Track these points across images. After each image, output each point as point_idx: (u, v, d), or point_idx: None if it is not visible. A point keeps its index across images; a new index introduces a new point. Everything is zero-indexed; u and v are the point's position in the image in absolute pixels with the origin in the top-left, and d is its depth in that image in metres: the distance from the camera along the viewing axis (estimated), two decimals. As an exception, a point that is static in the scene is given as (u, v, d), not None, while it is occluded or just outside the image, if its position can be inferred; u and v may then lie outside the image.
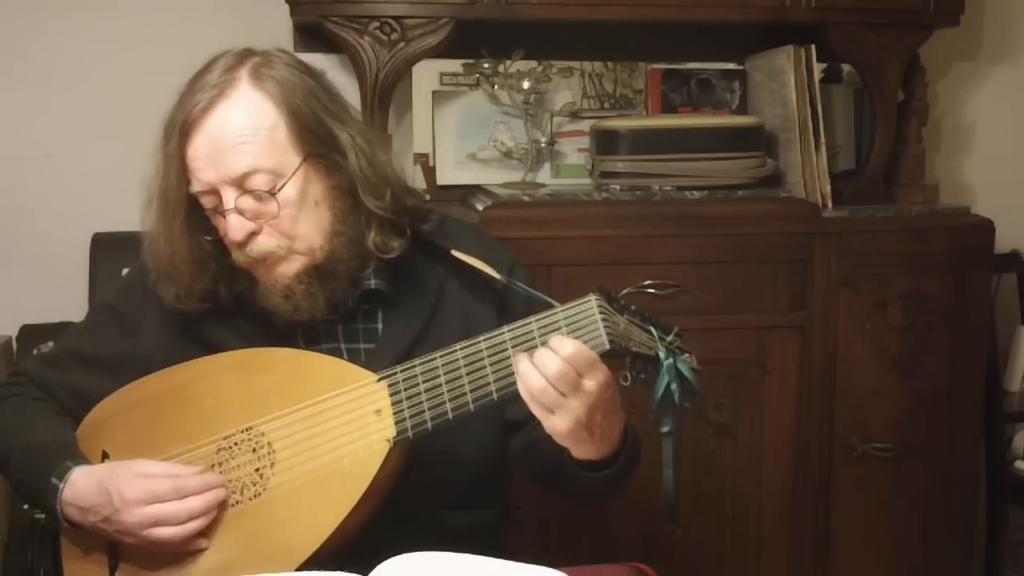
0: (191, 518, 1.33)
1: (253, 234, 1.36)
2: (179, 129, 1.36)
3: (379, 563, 1.18)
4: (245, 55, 1.41)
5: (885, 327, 2.30)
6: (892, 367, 2.31)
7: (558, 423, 1.25)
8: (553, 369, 1.22)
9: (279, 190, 1.35)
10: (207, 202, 1.38)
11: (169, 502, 1.33)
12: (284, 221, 1.37)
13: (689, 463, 2.23)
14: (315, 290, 1.39)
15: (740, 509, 2.30)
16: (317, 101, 1.40)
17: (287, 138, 1.37)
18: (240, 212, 1.35)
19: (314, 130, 1.39)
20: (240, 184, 1.35)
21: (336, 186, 1.41)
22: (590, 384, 1.24)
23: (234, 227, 1.35)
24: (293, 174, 1.36)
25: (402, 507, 1.35)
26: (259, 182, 1.35)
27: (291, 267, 1.39)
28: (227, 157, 1.34)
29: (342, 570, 1.20)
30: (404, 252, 1.45)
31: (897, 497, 2.35)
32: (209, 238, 1.41)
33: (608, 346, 1.25)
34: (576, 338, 1.25)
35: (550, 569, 1.18)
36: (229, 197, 1.35)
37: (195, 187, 1.37)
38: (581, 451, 1.32)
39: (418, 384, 1.31)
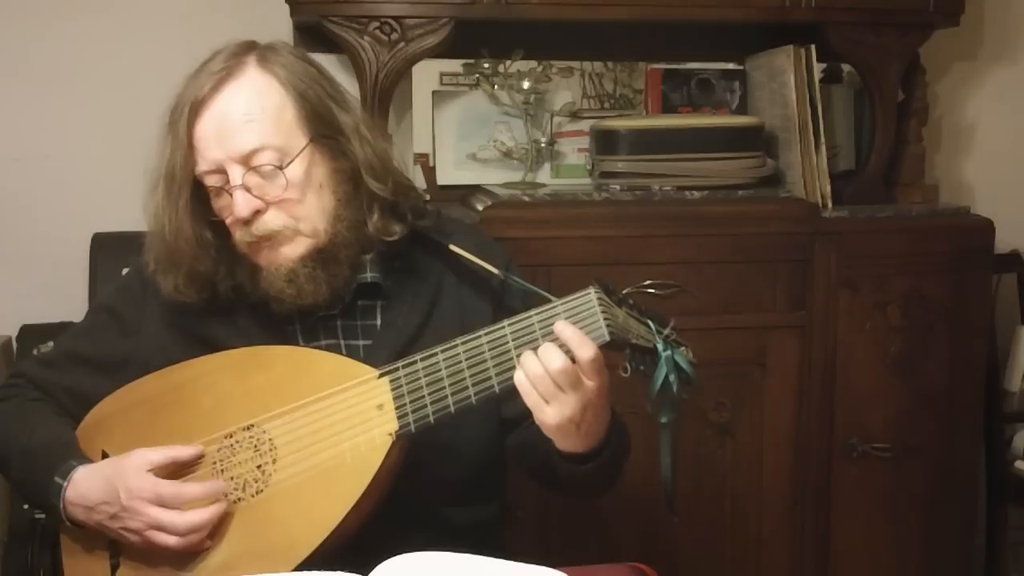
0: (192, 531, 1.33)
1: (258, 212, 1.38)
2: (187, 110, 1.38)
3: (378, 562, 1.18)
4: (249, 44, 1.44)
5: (885, 327, 2.30)
6: (892, 367, 2.31)
7: (550, 414, 1.26)
8: (558, 364, 1.23)
9: (287, 166, 1.38)
10: (212, 181, 1.40)
11: (172, 510, 1.33)
12: (290, 200, 1.39)
13: (689, 463, 2.23)
14: (318, 274, 1.41)
15: (740, 509, 2.30)
16: (321, 87, 1.44)
17: (294, 119, 1.40)
18: (247, 189, 1.37)
19: (320, 113, 1.42)
20: (247, 162, 1.37)
21: (339, 170, 1.43)
22: (590, 384, 1.26)
23: (240, 203, 1.37)
24: (299, 153, 1.39)
25: (401, 503, 1.35)
26: (266, 159, 1.37)
27: (296, 249, 1.40)
28: (235, 134, 1.37)
29: (341, 570, 1.20)
30: (403, 247, 1.47)
31: (897, 497, 2.35)
32: (212, 219, 1.42)
33: (608, 338, 1.26)
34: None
35: (550, 569, 1.18)
36: (236, 174, 1.37)
37: (201, 166, 1.39)
38: (566, 444, 1.33)
39: (420, 379, 1.32)
